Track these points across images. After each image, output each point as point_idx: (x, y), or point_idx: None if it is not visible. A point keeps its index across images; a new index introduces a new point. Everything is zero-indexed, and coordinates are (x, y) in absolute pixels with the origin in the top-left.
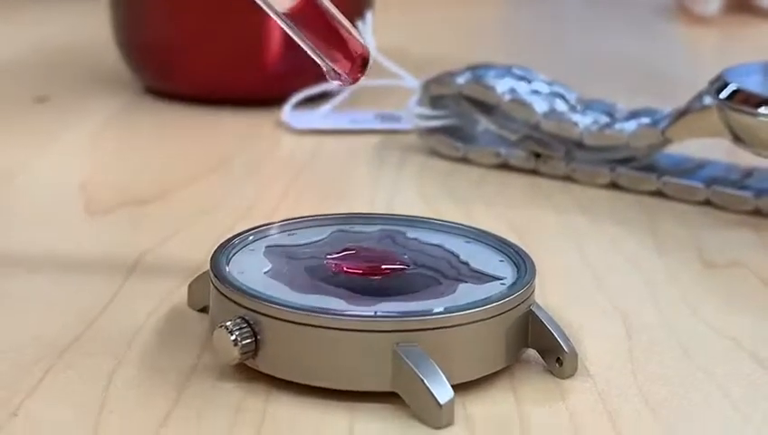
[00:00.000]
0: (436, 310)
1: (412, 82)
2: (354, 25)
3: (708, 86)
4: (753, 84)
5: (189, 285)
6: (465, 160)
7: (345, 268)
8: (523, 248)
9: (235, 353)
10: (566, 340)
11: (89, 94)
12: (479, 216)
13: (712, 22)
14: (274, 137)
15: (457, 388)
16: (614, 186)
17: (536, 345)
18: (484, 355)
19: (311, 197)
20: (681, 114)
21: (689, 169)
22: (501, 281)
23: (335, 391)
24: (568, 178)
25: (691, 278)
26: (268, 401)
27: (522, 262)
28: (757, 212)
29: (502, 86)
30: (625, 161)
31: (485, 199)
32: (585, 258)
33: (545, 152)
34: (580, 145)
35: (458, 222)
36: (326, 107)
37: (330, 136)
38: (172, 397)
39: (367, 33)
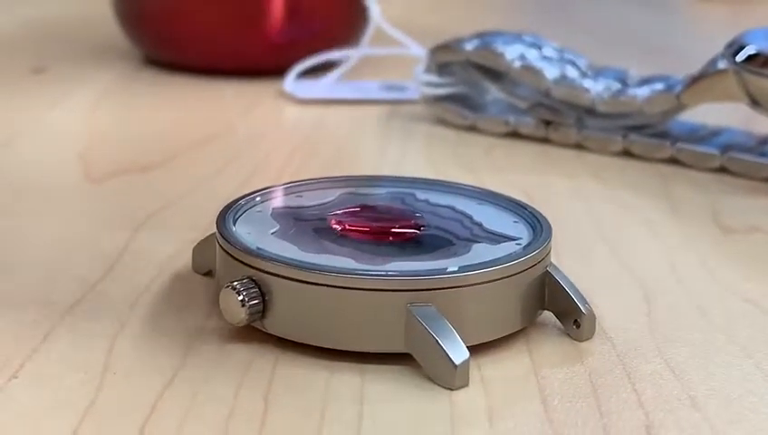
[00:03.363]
0: (450, 269)
1: (418, 51)
2: None
3: (724, 49)
4: None
5: (194, 249)
6: (473, 129)
7: (348, 226)
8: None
9: (243, 315)
10: (584, 301)
11: (87, 65)
12: (490, 182)
13: None
14: (277, 107)
15: (472, 350)
16: (627, 153)
17: (553, 307)
18: (499, 317)
19: (315, 165)
20: (696, 79)
21: (704, 136)
22: (516, 241)
23: (345, 352)
24: (579, 146)
25: (708, 243)
26: (277, 363)
27: (537, 223)
28: None
29: (511, 53)
30: (638, 128)
31: (495, 167)
32: (599, 223)
33: (556, 120)
34: (591, 112)
35: (467, 184)
36: (330, 76)
37: (334, 106)
38: (178, 359)
39: (371, 1)
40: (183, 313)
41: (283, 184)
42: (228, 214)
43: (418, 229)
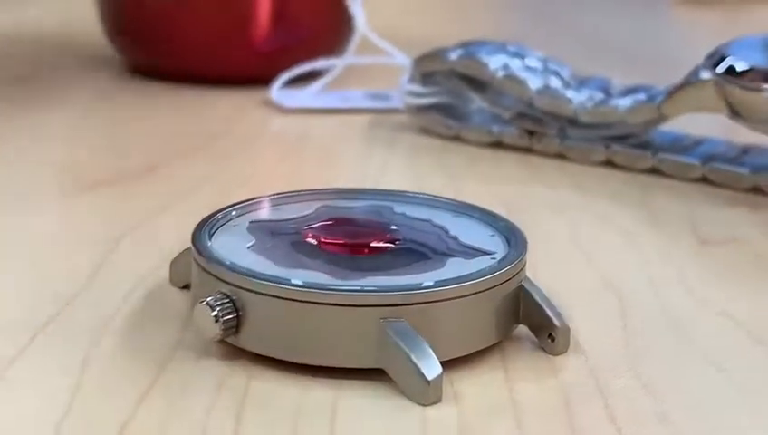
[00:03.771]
0: (423, 284)
1: (403, 60)
2: (344, 1)
3: (705, 60)
4: (751, 58)
5: (172, 262)
6: (457, 139)
7: (323, 240)
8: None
9: (217, 330)
10: (558, 315)
11: (74, 74)
12: (471, 193)
13: (712, 3)
14: (263, 116)
15: (446, 365)
16: (609, 163)
17: (528, 321)
18: (473, 331)
19: (299, 175)
20: (677, 89)
21: (686, 146)
22: (491, 256)
23: (319, 367)
24: (562, 156)
25: (686, 255)
26: (251, 378)
27: (512, 236)
28: (754, 189)
29: (495, 62)
30: (620, 138)
31: (477, 177)
32: (578, 235)
33: (539, 130)
34: (574, 122)
35: (447, 196)
36: (316, 85)
37: (319, 115)
38: (152, 374)
39: (357, 10)
40: (159, 327)
41: (261, 197)
42: (204, 228)
43: (394, 243)
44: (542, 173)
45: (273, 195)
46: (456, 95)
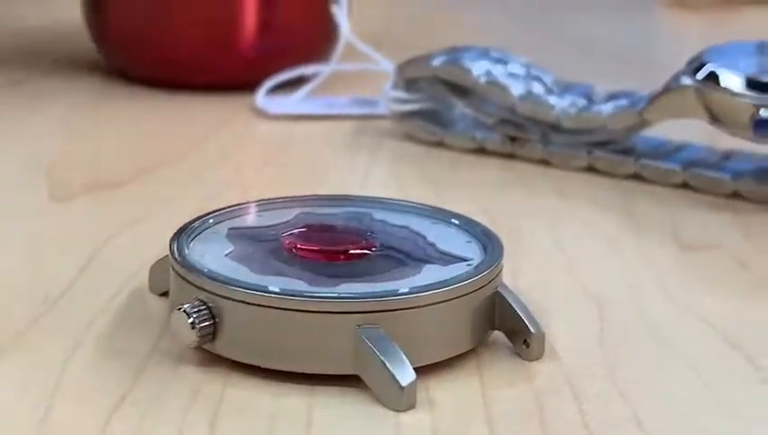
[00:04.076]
0: (398, 291)
1: (388, 66)
2: (329, 8)
3: (686, 66)
4: (731, 64)
5: (151, 269)
6: (440, 145)
7: (298, 245)
8: (493, 230)
9: (193, 337)
10: (533, 321)
11: (61, 79)
12: (452, 199)
13: (700, 7)
14: (248, 122)
15: (421, 370)
16: (591, 169)
17: (503, 327)
18: (449, 337)
19: (282, 182)
20: (658, 95)
21: (668, 151)
22: (467, 262)
23: (296, 373)
24: (545, 162)
25: (667, 260)
26: (226, 385)
27: (489, 242)
28: (735, 195)
29: (477, 69)
30: (602, 144)
31: (460, 183)
32: (558, 241)
33: (522, 136)
34: (556, 128)
35: (425, 203)
36: (301, 92)
37: (305, 121)
38: (129, 380)
39: (342, 17)
40: (137, 333)
41: (241, 204)
42: (183, 235)
43: (371, 250)
44: (525, 179)
45: (253, 202)
46: (440, 101)
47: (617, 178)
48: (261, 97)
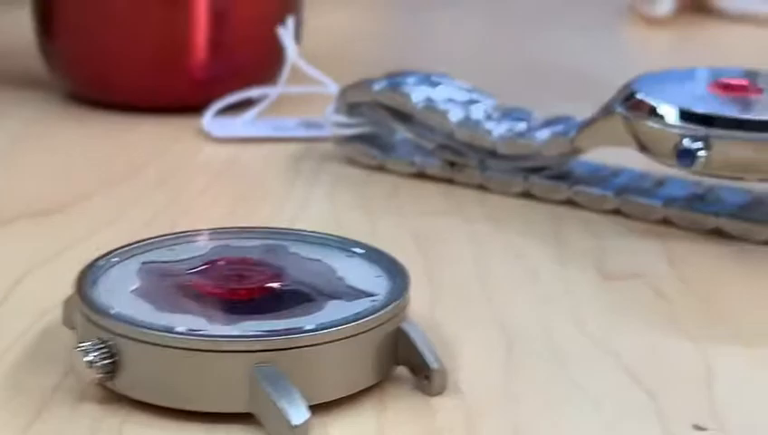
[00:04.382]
0: (295, 329)
1: (335, 89)
2: (275, 31)
3: (617, 94)
4: (659, 93)
5: (64, 303)
6: (381, 169)
7: (203, 283)
8: (419, 258)
9: (92, 375)
10: (434, 356)
11: (8, 98)
12: (385, 226)
13: (665, 23)
14: (194, 145)
15: (322, 407)
16: (527, 195)
17: (406, 362)
18: (349, 374)
19: (218, 207)
20: (589, 123)
21: (603, 177)
22: (372, 298)
23: (195, 412)
24: (483, 188)
25: (586, 291)
26: (125, 423)
27: (397, 278)
28: (666, 221)
29: (417, 94)
30: (538, 170)
31: (395, 210)
32: (483, 270)
33: (460, 161)
34: (493, 154)
35: (341, 236)
36: (248, 115)
37: (251, 144)
38: (30, 417)
39: (288, 39)
40: (44, 369)
41: (157, 237)
42: (91, 270)
43: (278, 286)
44: (461, 205)
45: (169, 235)
46: (382, 126)
47: (551, 203)
48: (207, 119)
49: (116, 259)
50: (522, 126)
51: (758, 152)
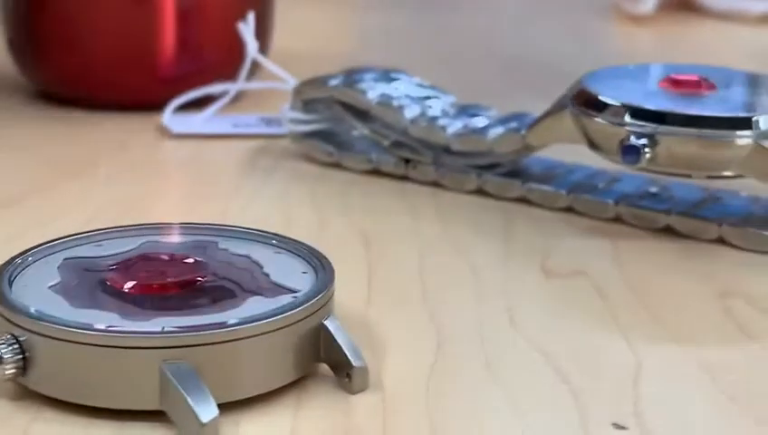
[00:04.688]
0: (206, 325)
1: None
2: (235, 27)
3: (567, 91)
4: (611, 89)
5: None
6: (337, 166)
7: (121, 278)
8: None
9: (3, 371)
10: (356, 355)
11: None
12: (334, 224)
13: (648, 21)
14: (153, 142)
15: (238, 405)
16: (481, 192)
17: (328, 360)
18: (266, 371)
19: (165, 203)
20: (540, 120)
21: (558, 174)
22: (294, 294)
23: (107, 409)
24: (437, 185)
25: (526, 289)
26: (35, 420)
27: (322, 274)
28: (617, 219)
29: (374, 90)
30: (493, 167)
31: (346, 207)
32: (426, 268)
33: (415, 158)
34: (448, 150)
35: (271, 231)
36: (208, 111)
37: (211, 141)
38: None
39: (248, 35)
40: None
41: (85, 232)
42: (11, 265)
43: (197, 283)
44: (413, 203)
45: (97, 230)
46: (338, 122)
47: (505, 201)
48: (167, 116)
49: (37, 256)
50: (477, 122)
51: (704, 149)
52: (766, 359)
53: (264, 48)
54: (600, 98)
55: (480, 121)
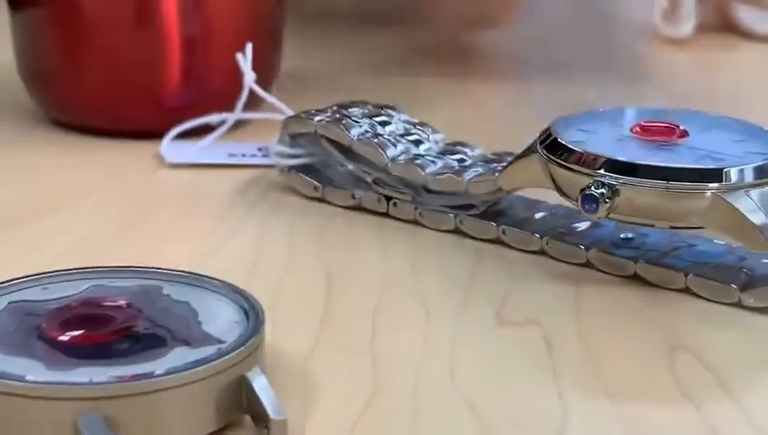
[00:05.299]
0: (121, 376)
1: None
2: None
3: (539, 134)
4: (579, 136)
5: None
6: (323, 200)
7: (44, 327)
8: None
9: None
10: (274, 407)
11: None
12: (303, 260)
13: (687, 44)
14: (148, 171)
15: None
16: (459, 232)
17: (249, 411)
18: (183, 422)
19: (143, 239)
20: (510, 163)
21: (535, 215)
22: (219, 345)
23: None
24: (417, 223)
25: (475, 337)
26: None
27: (253, 325)
28: (588, 264)
29: (358, 127)
30: (470, 207)
31: (319, 243)
32: (380, 309)
33: (395, 195)
34: (427, 189)
35: (216, 278)
36: (206, 140)
37: (207, 170)
38: None
39: (246, 66)
40: None
41: (34, 275)
42: None
43: (131, 330)
44: (388, 241)
45: (46, 273)
46: (324, 157)
47: (482, 241)
48: (165, 145)
49: None
50: (455, 163)
51: (666, 200)
52: (698, 420)
53: (269, 75)
54: (565, 144)
55: (460, 161)
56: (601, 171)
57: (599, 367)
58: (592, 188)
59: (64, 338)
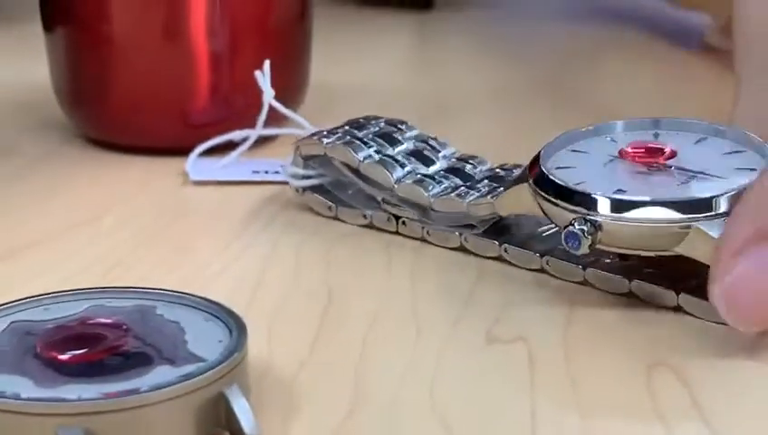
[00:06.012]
0: (104, 393)
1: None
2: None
3: (529, 162)
4: (566, 163)
5: None
6: (336, 219)
7: (41, 345)
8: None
9: None
10: (250, 424)
11: (22, 138)
12: (307, 278)
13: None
14: (173, 187)
15: None
16: (464, 250)
17: (228, 428)
18: None
19: (156, 256)
20: (506, 188)
21: (539, 233)
22: (199, 364)
23: None
24: (425, 241)
25: (461, 355)
26: None
27: (235, 345)
28: (585, 283)
29: (367, 148)
30: (472, 226)
31: (327, 261)
32: (375, 327)
33: (402, 215)
34: (432, 209)
35: (210, 299)
36: (229, 157)
37: (230, 187)
38: None
39: (265, 83)
40: None
41: (36, 296)
42: None
43: (120, 350)
44: (394, 259)
45: (47, 294)
46: (337, 176)
47: (485, 259)
48: (190, 162)
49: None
50: (462, 181)
51: (651, 231)
52: None
53: (296, 89)
54: (551, 176)
55: (466, 178)
56: (582, 209)
57: (577, 385)
58: (575, 224)
59: (55, 356)
